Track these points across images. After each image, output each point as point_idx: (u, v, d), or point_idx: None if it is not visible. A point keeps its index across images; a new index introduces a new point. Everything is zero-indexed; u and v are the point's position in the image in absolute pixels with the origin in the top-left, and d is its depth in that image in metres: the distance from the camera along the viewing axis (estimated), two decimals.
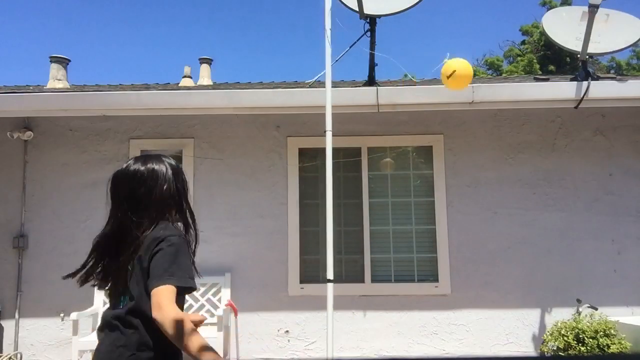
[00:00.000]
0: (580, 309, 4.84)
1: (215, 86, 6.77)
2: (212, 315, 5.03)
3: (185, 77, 7.28)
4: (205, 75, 7.54)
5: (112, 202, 1.91)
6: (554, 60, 20.46)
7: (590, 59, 5.21)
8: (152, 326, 1.69)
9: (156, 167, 1.91)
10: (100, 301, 5.08)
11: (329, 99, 4.03)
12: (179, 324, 1.62)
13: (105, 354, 1.79)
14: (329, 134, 3.95)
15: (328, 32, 4.15)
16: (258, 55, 44.67)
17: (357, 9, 4.71)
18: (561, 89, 4.75)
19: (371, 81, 5.12)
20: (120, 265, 1.82)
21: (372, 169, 5.39)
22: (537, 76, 6.63)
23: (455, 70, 3.94)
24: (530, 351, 5.02)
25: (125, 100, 4.86)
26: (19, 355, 5.15)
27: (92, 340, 4.72)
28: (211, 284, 5.15)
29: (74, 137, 5.44)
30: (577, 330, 4.38)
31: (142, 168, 1.90)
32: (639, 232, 5.15)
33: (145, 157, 1.96)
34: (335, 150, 4.11)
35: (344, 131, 5.00)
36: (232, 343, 5.13)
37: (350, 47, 4.88)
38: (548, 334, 4.66)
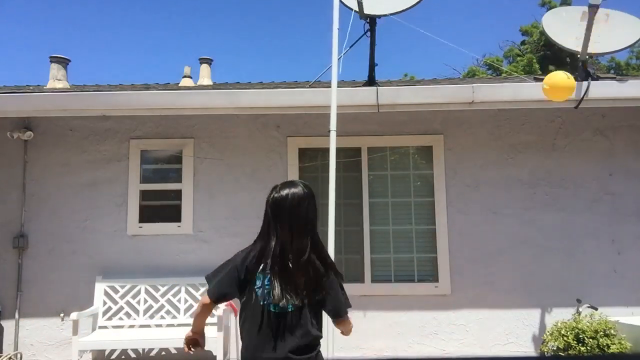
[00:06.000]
0: (580, 309, 4.84)
1: (215, 86, 6.77)
2: (212, 315, 5.02)
3: (185, 77, 7.28)
4: (205, 75, 7.54)
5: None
6: (553, 60, 20.42)
7: (590, 59, 5.21)
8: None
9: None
10: (100, 301, 5.08)
11: (334, 98, 4.02)
12: None
13: None
14: (333, 134, 3.94)
15: (336, 32, 4.14)
16: (258, 55, 44.68)
17: (357, 9, 4.71)
18: None
19: (371, 81, 5.12)
20: None
21: (372, 169, 5.39)
22: (537, 76, 6.62)
23: (547, 86, 4.28)
24: (530, 351, 5.02)
25: (125, 100, 4.86)
26: (19, 355, 5.15)
27: (92, 340, 4.72)
28: None
29: (74, 137, 5.44)
30: (577, 330, 4.38)
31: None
32: (639, 232, 5.15)
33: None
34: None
35: (344, 131, 4.97)
36: (232, 343, 5.13)
37: (351, 47, 4.89)
38: (548, 334, 4.66)
